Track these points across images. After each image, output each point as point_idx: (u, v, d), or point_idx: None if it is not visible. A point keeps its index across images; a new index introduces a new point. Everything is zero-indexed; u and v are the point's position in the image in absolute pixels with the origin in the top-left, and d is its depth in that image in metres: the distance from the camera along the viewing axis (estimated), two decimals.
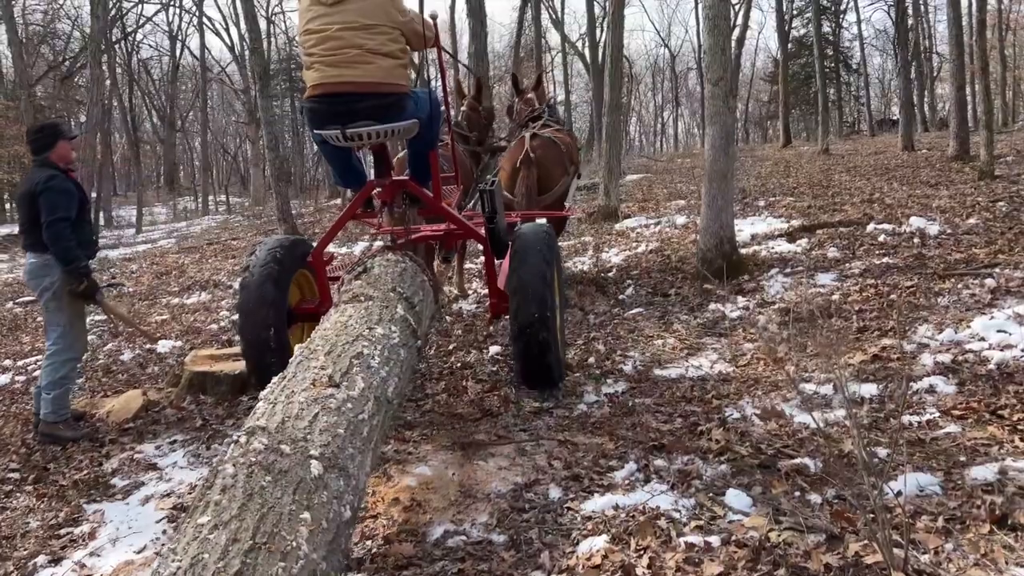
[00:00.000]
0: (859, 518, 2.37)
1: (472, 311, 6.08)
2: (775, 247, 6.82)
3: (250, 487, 1.88)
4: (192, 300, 8.28)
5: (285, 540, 1.77)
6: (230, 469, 1.95)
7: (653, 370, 4.15)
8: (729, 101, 5.77)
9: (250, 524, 1.76)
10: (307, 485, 1.96)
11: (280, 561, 1.70)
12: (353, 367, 2.55)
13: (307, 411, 2.24)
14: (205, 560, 1.64)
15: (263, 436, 2.09)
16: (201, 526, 1.76)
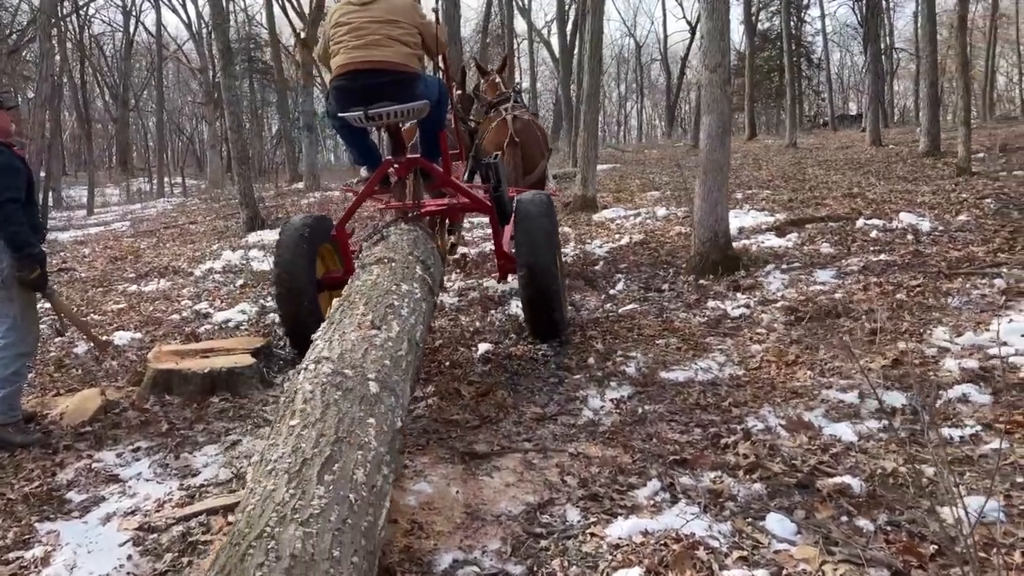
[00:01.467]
0: (926, 550, 2.14)
1: (455, 304, 5.76)
2: (765, 242, 6.62)
3: (326, 399, 2.36)
4: (151, 288, 7.80)
5: (359, 436, 2.26)
6: (308, 386, 2.43)
7: (659, 373, 3.89)
8: (727, 89, 5.53)
9: (331, 424, 2.25)
10: (369, 399, 2.46)
11: (358, 451, 2.20)
12: (388, 315, 3.04)
13: (359, 346, 2.72)
14: (303, 448, 2.13)
15: (328, 364, 2.56)
16: (293, 426, 2.25)
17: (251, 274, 7.80)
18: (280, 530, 1.81)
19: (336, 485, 2.02)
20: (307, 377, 2.50)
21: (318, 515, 1.89)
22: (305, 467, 2.05)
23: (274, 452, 2.13)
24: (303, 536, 1.81)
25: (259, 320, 5.84)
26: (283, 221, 5.17)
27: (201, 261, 9.06)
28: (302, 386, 2.45)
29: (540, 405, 3.61)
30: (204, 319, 6.13)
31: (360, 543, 1.93)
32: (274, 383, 4.20)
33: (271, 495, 1.94)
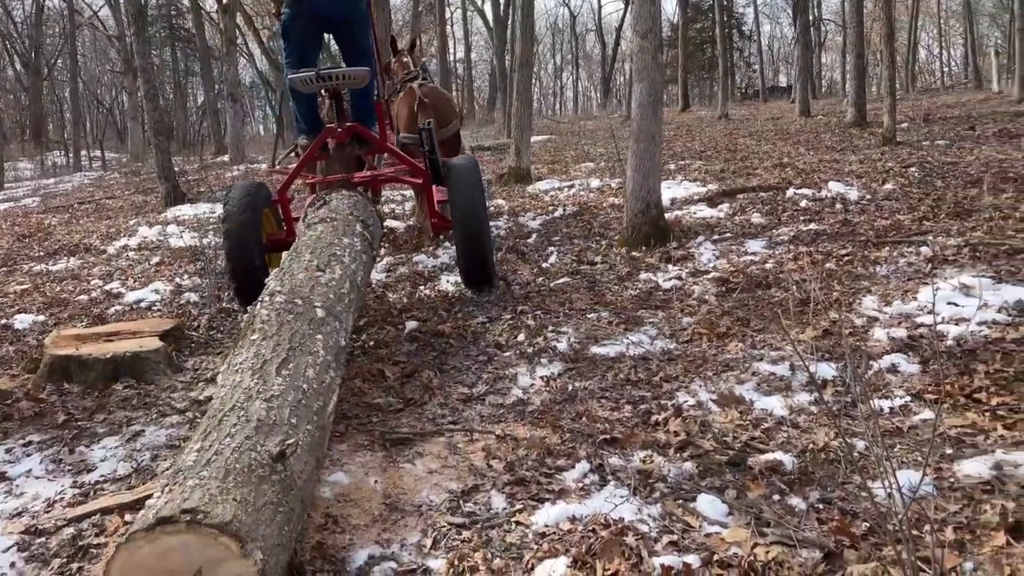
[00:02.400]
0: (859, 529, 2.07)
1: (382, 280, 5.55)
2: (697, 212, 6.58)
3: (280, 320, 2.80)
4: (59, 267, 7.34)
5: (308, 346, 2.71)
6: (264, 312, 2.86)
7: (590, 348, 3.78)
8: (658, 57, 5.41)
9: (286, 337, 2.69)
10: (316, 321, 2.91)
11: (309, 356, 2.66)
12: (332, 261, 3.47)
13: (307, 283, 3.17)
14: (263, 353, 2.57)
15: (280, 295, 3.00)
16: (253, 340, 2.67)
17: (168, 252, 7.41)
18: (248, 404, 2.27)
19: (291, 378, 2.49)
20: (263, 306, 2.93)
21: (278, 396, 2.36)
22: (266, 365, 2.51)
23: (238, 357, 2.60)
24: (267, 408, 2.27)
25: (173, 300, 5.52)
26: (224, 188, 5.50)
27: (115, 238, 8.59)
28: (259, 312, 2.89)
29: (468, 385, 3.46)
30: (114, 300, 5.77)
31: (313, 419, 2.40)
32: (184, 368, 3.94)
33: (238, 384, 2.41)
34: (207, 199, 11.04)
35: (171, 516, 1.78)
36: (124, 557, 1.77)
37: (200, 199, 11.09)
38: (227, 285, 4.97)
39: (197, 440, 2.15)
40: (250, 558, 1.78)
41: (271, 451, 2.09)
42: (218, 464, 1.99)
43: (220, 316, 4.96)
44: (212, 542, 1.78)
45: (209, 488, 1.89)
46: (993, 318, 3.46)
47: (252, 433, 2.14)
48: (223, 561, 1.77)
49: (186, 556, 1.77)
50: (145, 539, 1.78)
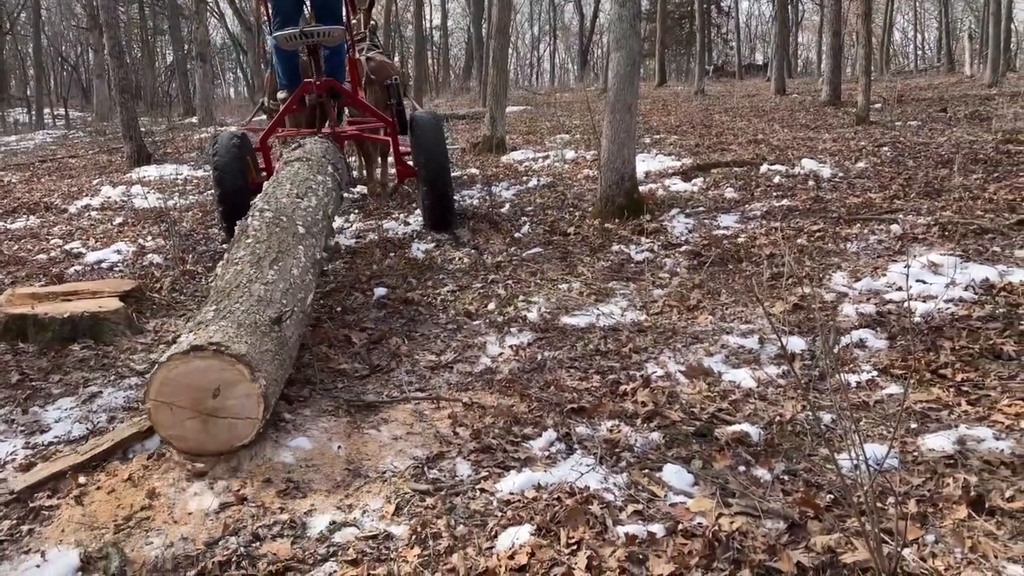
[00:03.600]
0: (823, 500, 2.07)
1: (351, 246, 5.46)
2: (671, 186, 6.56)
3: (269, 230, 3.35)
4: (18, 225, 7.13)
5: (292, 252, 3.27)
6: (255, 223, 3.41)
7: (560, 318, 3.75)
8: (637, 25, 5.33)
9: (275, 243, 3.24)
10: (298, 235, 3.46)
11: (293, 259, 3.23)
12: (308, 192, 4.00)
13: (289, 206, 3.70)
14: (257, 252, 3.15)
15: (269, 212, 3.54)
16: (248, 243, 3.23)
17: (132, 212, 7.23)
18: (249, 285, 2.90)
19: (281, 272, 3.08)
20: (254, 219, 3.47)
21: (271, 283, 2.97)
22: (260, 261, 3.10)
23: (236, 254, 3.17)
24: (264, 289, 2.91)
25: (136, 261, 5.38)
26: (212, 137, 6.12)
27: (77, 197, 8.36)
28: (251, 223, 3.43)
29: (436, 353, 3.41)
30: (75, 259, 5.61)
31: (297, 303, 3.03)
32: (145, 330, 3.84)
33: (240, 271, 3.00)
34: (173, 160, 10.80)
35: (202, 345, 2.42)
36: (163, 373, 2.41)
37: (167, 160, 10.83)
38: (218, 226, 5.53)
39: (211, 305, 2.78)
40: (257, 383, 2.43)
41: (270, 316, 2.75)
42: (231, 320, 2.62)
43: (184, 278, 4.84)
44: (230, 367, 2.41)
45: (228, 332, 2.51)
46: (960, 296, 3.49)
47: (255, 304, 2.78)
48: (237, 383, 2.42)
49: (209, 376, 2.41)
50: (180, 361, 2.41)
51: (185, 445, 2.44)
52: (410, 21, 40.43)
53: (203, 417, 2.42)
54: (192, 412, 2.41)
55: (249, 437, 2.45)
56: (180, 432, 2.43)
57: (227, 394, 2.41)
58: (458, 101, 22.35)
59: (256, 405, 2.43)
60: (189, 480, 2.40)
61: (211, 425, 2.42)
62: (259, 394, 2.41)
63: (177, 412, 2.41)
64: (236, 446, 2.45)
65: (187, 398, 2.40)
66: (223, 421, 2.43)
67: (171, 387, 2.40)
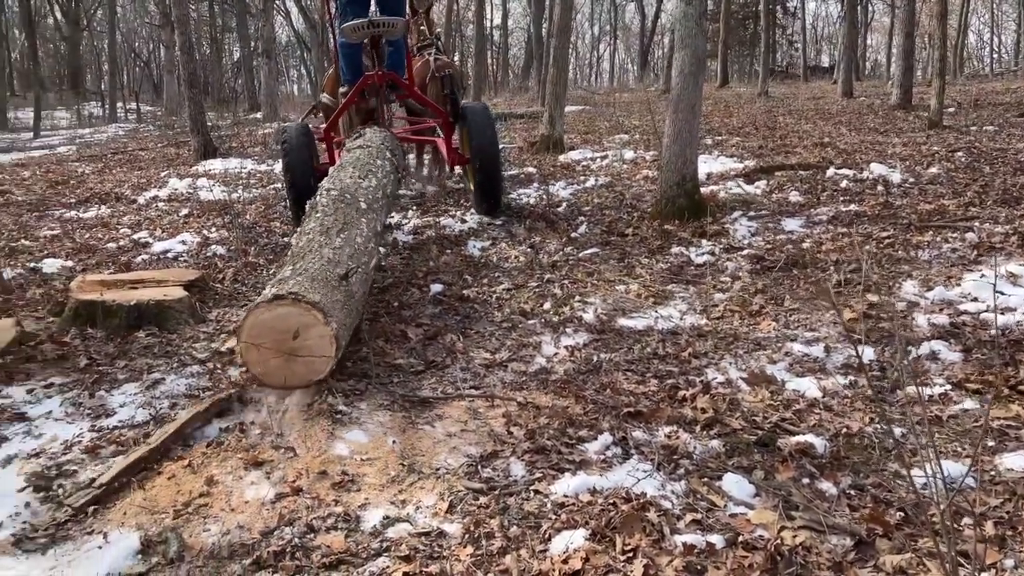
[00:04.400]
0: (892, 518, 1.98)
1: (409, 243, 5.48)
2: (733, 188, 6.42)
3: (336, 206, 3.78)
4: (90, 214, 7.37)
5: (356, 224, 3.70)
6: (324, 200, 3.86)
7: (617, 320, 3.69)
8: (703, 23, 5.23)
9: (340, 217, 3.67)
10: (361, 210, 3.88)
11: (356, 230, 3.64)
12: (368, 174, 4.41)
13: (352, 186, 4.12)
14: (325, 224, 3.56)
15: (334, 191, 3.97)
16: (318, 216, 3.67)
17: (197, 204, 7.41)
18: (320, 249, 3.32)
19: (346, 240, 3.49)
20: (321, 197, 3.93)
21: (338, 248, 3.38)
22: (328, 231, 3.50)
23: (307, 226, 3.61)
24: (333, 252, 3.31)
25: (200, 252, 5.50)
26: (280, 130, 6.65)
27: (146, 189, 8.60)
28: (320, 200, 3.89)
29: (491, 351, 3.39)
30: (142, 249, 5.77)
31: (361, 264, 3.43)
32: (207, 319, 3.92)
33: (311, 239, 3.42)
34: (238, 154, 11.04)
35: (283, 294, 2.82)
36: (252, 319, 2.82)
37: (232, 154, 11.09)
38: (287, 209, 5.98)
39: (288, 265, 3.21)
40: (329, 326, 2.80)
41: (339, 273, 3.16)
42: (306, 276, 3.03)
43: (245, 270, 4.93)
44: (307, 312, 2.80)
45: (303, 284, 2.92)
46: None
47: (325, 263, 3.19)
48: (313, 326, 2.79)
49: (290, 320, 2.80)
50: (266, 308, 2.82)
51: (270, 380, 2.84)
52: (471, 20, 40.67)
53: (285, 356, 2.81)
54: (276, 351, 2.80)
55: (323, 373, 2.83)
56: (266, 369, 2.82)
57: (305, 336, 2.80)
58: (516, 100, 22.35)
59: (329, 345, 2.81)
60: (246, 469, 2.43)
61: (292, 362, 2.82)
62: (332, 335, 2.80)
63: (263, 352, 2.80)
64: (313, 380, 2.84)
65: (271, 339, 2.80)
66: (301, 359, 2.82)
67: (258, 330, 2.79)
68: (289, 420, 2.74)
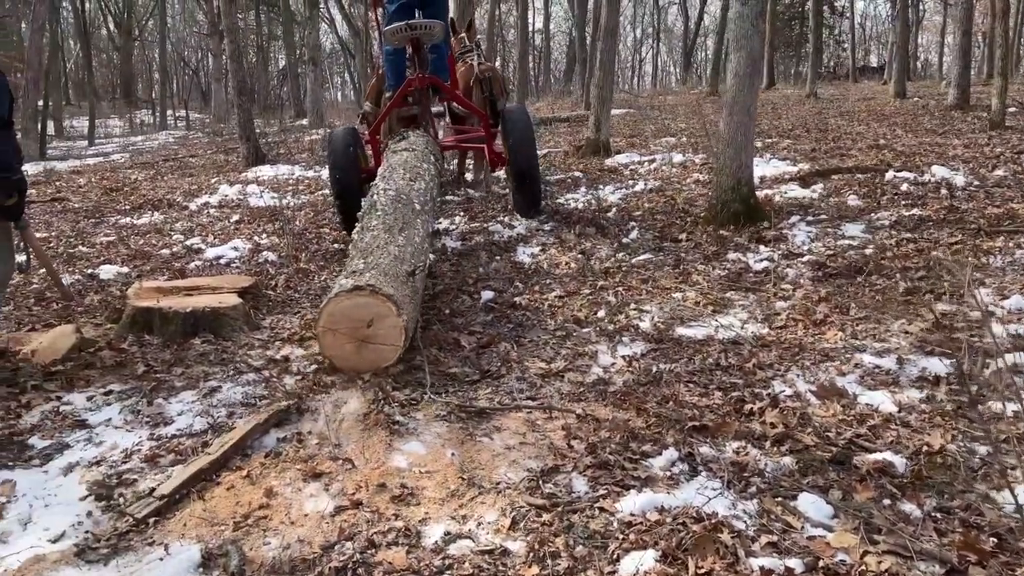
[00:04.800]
0: (986, 544, 1.86)
1: (458, 249, 5.45)
2: (789, 192, 6.26)
3: (394, 206, 4.05)
4: (143, 221, 7.49)
5: (413, 224, 3.97)
6: (382, 199, 4.14)
7: (675, 328, 3.59)
8: (759, 24, 5.10)
9: (399, 216, 3.93)
10: (415, 211, 4.14)
11: (414, 229, 3.90)
12: (417, 176, 4.63)
13: (405, 188, 4.35)
14: (388, 222, 3.82)
15: (391, 191, 4.24)
16: (378, 214, 3.93)
17: (247, 210, 7.48)
18: (385, 246, 3.57)
19: (406, 238, 3.75)
20: (380, 197, 4.20)
21: (402, 245, 3.64)
22: (391, 229, 3.78)
23: (370, 223, 3.88)
24: (398, 250, 3.57)
25: (252, 258, 5.54)
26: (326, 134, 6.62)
27: (197, 195, 8.73)
28: (378, 199, 4.16)
29: (546, 360, 3.33)
30: (195, 255, 5.84)
31: (420, 263, 3.69)
32: (261, 326, 3.92)
33: (375, 236, 3.69)
34: (286, 161, 11.16)
35: (361, 286, 3.09)
36: (331, 306, 3.10)
37: (279, 160, 11.21)
38: (332, 209, 6.08)
39: (359, 259, 3.45)
40: (401, 317, 3.08)
41: (406, 270, 3.44)
42: (378, 270, 3.28)
43: (297, 276, 4.94)
44: (381, 303, 3.06)
45: (378, 278, 3.19)
46: None
47: (393, 260, 3.45)
48: (386, 316, 3.07)
49: (365, 310, 3.07)
50: (345, 297, 3.08)
51: (343, 363, 3.13)
52: (512, 25, 40.71)
53: (358, 342, 3.10)
54: (350, 338, 3.09)
55: (391, 361, 3.12)
56: (340, 353, 3.12)
57: (378, 325, 3.08)
58: (559, 104, 22.25)
59: (399, 335, 3.10)
60: (305, 480, 2.40)
61: (364, 349, 3.11)
62: (402, 326, 3.09)
63: (339, 337, 3.10)
64: (382, 367, 3.11)
65: (347, 327, 3.08)
66: (372, 346, 3.11)
67: (335, 317, 3.08)
68: (346, 430, 2.71)
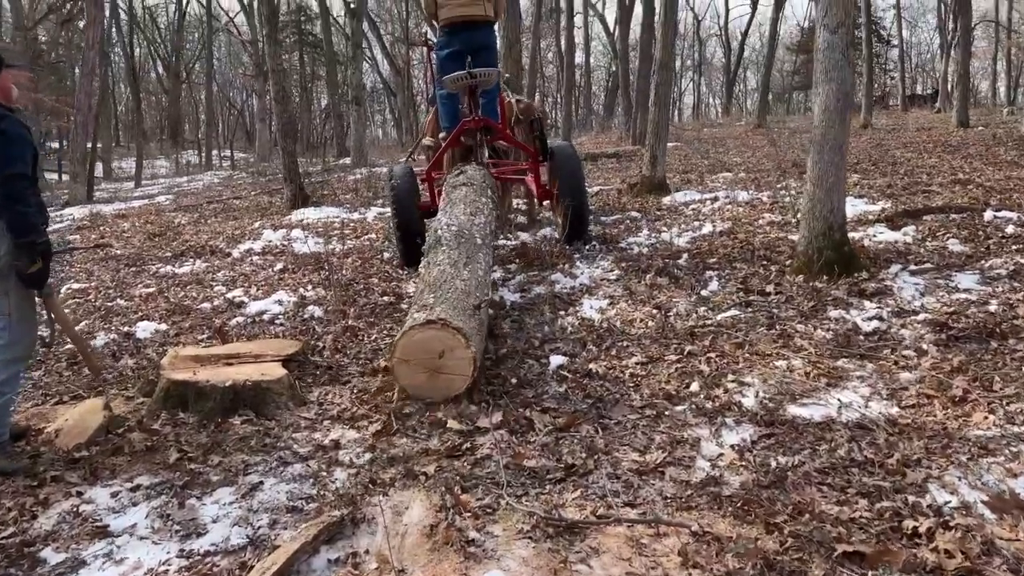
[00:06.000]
0: None
1: (518, 302, 4.99)
2: (877, 235, 5.70)
3: (458, 240, 4.32)
4: (185, 269, 7.20)
5: (476, 258, 4.22)
6: (446, 234, 4.41)
7: (786, 407, 3.07)
8: (849, 54, 4.62)
9: (464, 252, 4.19)
10: (478, 245, 4.42)
11: (477, 263, 4.16)
12: (477, 211, 4.92)
13: (466, 223, 4.63)
14: (452, 257, 4.09)
15: (454, 227, 4.50)
16: (443, 249, 4.21)
17: (292, 257, 7.15)
18: (452, 280, 3.78)
19: (471, 272, 3.95)
20: (443, 231, 4.41)
21: (466, 279, 3.84)
22: (456, 263, 3.98)
23: (436, 257, 4.12)
24: (464, 284, 3.78)
25: (296, 313, 5.15)
26: (389, 170, 6.82)
27: (240, 241, 8.45)
28: (442, 235, 4.36)
29: (638, 449, 2.83)
30: (237, 309, 5.48)
31: (485, 297, 3.87)
32: (308, 401, 3.49)
33: (442, 271, 3.89)
34: (330, 203, 10.90)
35: (434, 319, 3.29)
36: (405, 339, 3.30)
37: (324, 202, 10.95)
38: (393, 243, 6.35)
39: (429, 294, 3.63)
40: (470, 349, 3.26)
41: (472, 303, 3.62)
42: (447, 304, 3.47)
43: (346, 336, 4.53)
44: (452, 336, 3.25)
45: (448, 311, 3.38)
46: None
47: (459, 294, 3.64)
48: (456, 348, 3.25)
49: (437, 343, 3.26)
50: (418, 330, 3.28)
51: (416, 392, 3.32)
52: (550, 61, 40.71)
53: (430, 372, 3.30)
54: (423, 368, 3.29)
55: (460, 390, 3.30)
56: (413, 381, 3.32)
57: (448, 356, 3.27)
58: (601, 139, 21.93)
59: (468, 366, 3.28)
60: None
61: (435, 379, 3.30)
62: (471, 357, 3.28)
63: (413, 367, 3.30)
64: (451, 395, 3.29)
65: (420, 357, 3.29)
66: (444, 376, 3.30)
67: (410, 349, 3.29)
68: (410, 549, 2.24)
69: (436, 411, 3.21)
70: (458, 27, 6.27)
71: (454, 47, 6.24)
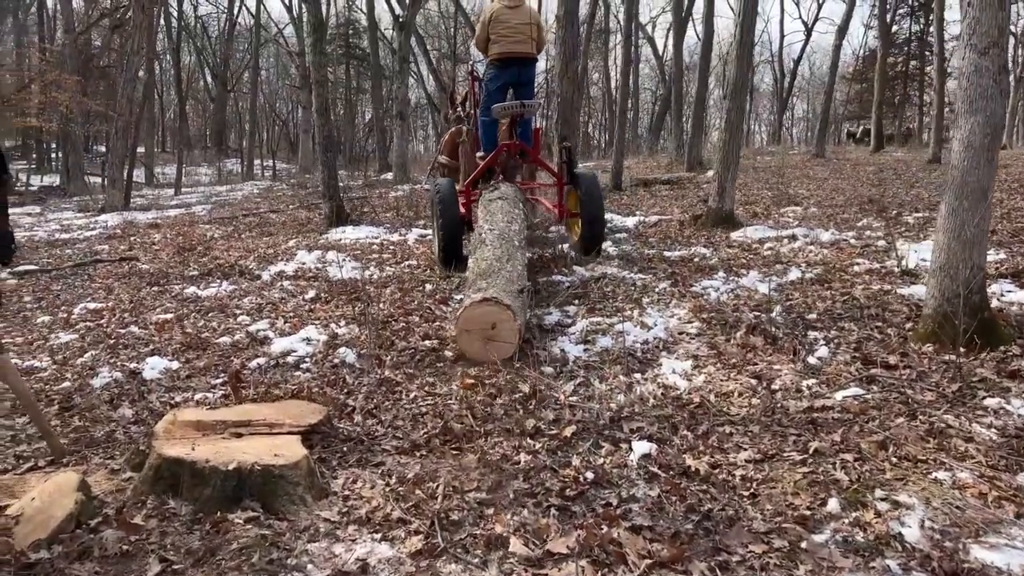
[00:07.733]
0: None
1: (582, 359, 4.23)
2: (1005, 294, 4.85)
3: (500, 242, 5.23)
4: (209, 292, 6.58)
5: (515, 257, 5.09)
6: (490, 236, 5.32)
7: (967, 546, 2.27)
8: (1002, 81, 3.82)
9: (505, 251, 5.08)
10: (516, 247, 5.27)
11: (517, 262, 5.03)
12: (512, 220, 5.78)
13: (507, 228, 5.52)
14: (497, 254, 5.03)
15: (496, 231, 5.41)
16: (487, 246, 5.18)
17: (326, 284, 6.48)
18: (499, 272, 4.72)
19: (511, 266, 4.87)
20: (486, 235, 5.36)
21: (508, 271, 4.77)
22: (500, 259, 4.93)
23: (483, 254, 5.07)
24: (508, 275, 4.70)
25: (326, 357, 4.46)
26: (434, 184, 7.25)
27: (272, 261, 7.83)
28: (486, 237, 5.34)
29: None
30: (259, 346, 4.81)
31: (526, 287, 4.75)
32: (330, 492, 2.76)
33: (489, 265, 4.84)
34: (370, 221, 10.28)
35: (488, 297, 4.21)
36: (466, 313, 4.19)
37: (363, 220, 10.34)
38: (438, 250, 6.69)
39: (481, 280, 4.62)
40: (517, 322, 4.19)
41: (516, 289, 4.54)
42: (496, 288, 4.40)
43: (381, 391, 3.82)
44: (502, 311, 4.17)
45: (499, 291, 4.34)
46: None
47: (506, 281, 4.59)
48: (505, 321, 4.17)
49: (490, 316, 4.17)
50: (476, 306, 4.18)
51: (473, 355, 4.17)
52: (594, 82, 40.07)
53: (485, 340, 4.16)
54: (479, 336, 4.16)
55: (509, 354, 4.15)
56: (471, 348, 4.18)
57: (500, 327, 4.15)
58: (648, 164, 21.07)
59: (515, 335, 4.17)
60: None
61: (489, 345, 4.14)
62: (518, 329, 4.17)
63: (471, 335, 4.17)
64: (502, 358, 4.11)
65: (477, 327, 4.15)
66: (495, 343, 4.15)
67: (470, 321, 4.16)
68: None
69: (493, 523, 2.47)
70: (508, 62, 6.97)
71: (503, 80, 7.05)
